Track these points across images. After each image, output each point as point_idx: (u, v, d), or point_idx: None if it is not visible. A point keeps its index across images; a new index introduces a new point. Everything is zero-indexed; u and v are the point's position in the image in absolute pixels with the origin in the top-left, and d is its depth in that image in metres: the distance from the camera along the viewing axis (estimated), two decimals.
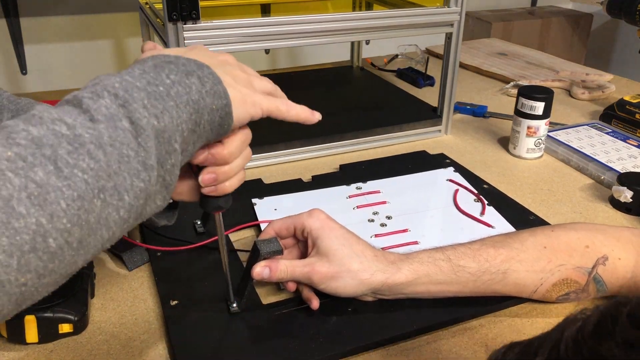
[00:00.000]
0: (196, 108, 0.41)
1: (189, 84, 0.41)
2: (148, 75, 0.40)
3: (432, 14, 0.98)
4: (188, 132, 0.41)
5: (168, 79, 0.40)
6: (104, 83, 0.38)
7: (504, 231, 0.73)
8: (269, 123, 0.51)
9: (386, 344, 0.58)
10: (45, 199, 0.31)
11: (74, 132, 0.34)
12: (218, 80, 0.43)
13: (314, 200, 0.81)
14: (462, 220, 0.77)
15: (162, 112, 0.39)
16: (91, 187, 0.34)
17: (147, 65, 0.41)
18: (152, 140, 0.37)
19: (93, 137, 0.35)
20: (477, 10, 2.64)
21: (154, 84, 0.39)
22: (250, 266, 0.59)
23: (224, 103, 0.43)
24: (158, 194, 0.40)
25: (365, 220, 0.76)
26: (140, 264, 0.69)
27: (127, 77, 0.39)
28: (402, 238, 0.72)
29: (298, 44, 0.90)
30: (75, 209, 0.33)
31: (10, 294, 0.31)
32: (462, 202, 0.81)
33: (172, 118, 0.39)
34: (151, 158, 0.37)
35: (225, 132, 0.45)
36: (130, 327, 0.60)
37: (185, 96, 0.40)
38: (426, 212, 0.79)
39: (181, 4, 0.79)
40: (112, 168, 0.35)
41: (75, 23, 1.95)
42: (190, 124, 0.41)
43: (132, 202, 0.37)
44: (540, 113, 0.96)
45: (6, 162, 0.31)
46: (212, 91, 0.42)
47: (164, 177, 0.39)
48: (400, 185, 0.85)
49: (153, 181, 0.38)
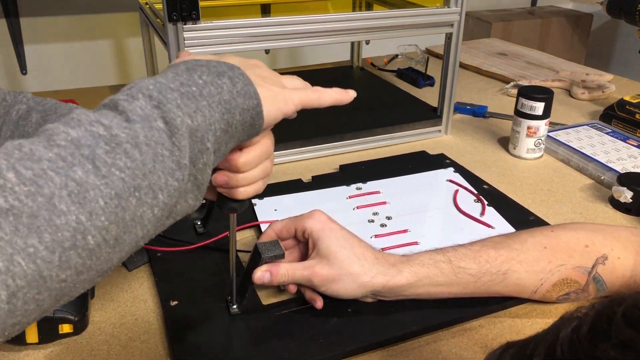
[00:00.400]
0: (228, 108, 0.42)
1: (220, 84, 0.42)
2: (181, 77, 0.41)
3: (432, 14, 0.98)
4: (220, 131, 0.41)
5: (200, 80, 0.41)
6: (138, 86, 0.39)
7: (504, 231, 0.73)
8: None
9: (386, 345, 0.58)
10: (85, 197, 0.33)
11: (110, 132, 0.35)
12: (249, 80, 0.44)
13: (314, 201, 0.81)
14: (462, 221, 0.77)
15: (195, 111, 0.39)
16: (127, 186, 0.35)
17: (179, 68, 0.42)
18: (186, 140, 0.38)
19: (129, 136, 0.36)
20: (477, 10, 2.64)
21: (187, 84, 0.40)
22: (251, 268, 0.59)
23: (254, 103, 0.44)
24: (190, 193, 0.40)
25: (365, 220, 0.76)
26: (140, 264, 0.69)
27: (160, 79, 0.40)
28: (402, 238, 0.72)
29: (298, 44, 0.90)
30: (113, 207, 0.34)
31: (50, 289, 0.32)
32: (462, 202, 0.81)
33: (204, 117, 0.40)
34: (185, 157, 0.38)
35: (257, 132, 0.46)
36: (130, 327, 0.60)
37: (217, 96, 0.41)
38: (426, 213, 0.79)
39: (181, 4, 0.79)
40: (148, 167, 0.36)
41: (75, 23, 1.95)
42: (223, 124, 0.41)
43: (166, 200, 0.37)
44: (540, 113, 0.96)
45: (47, 162, 0.32)
46: (243, 91, 0.43)
47: (195, 176, 0.40)
48: (400, 185, 0.86)
49: (186, 180, 0.39)
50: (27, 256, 0.30)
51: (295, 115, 0.50)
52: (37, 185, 0.31)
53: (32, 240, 0.30)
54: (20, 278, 0.30)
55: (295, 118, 0.51)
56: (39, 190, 0.31)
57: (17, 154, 0.32)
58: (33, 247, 0.30)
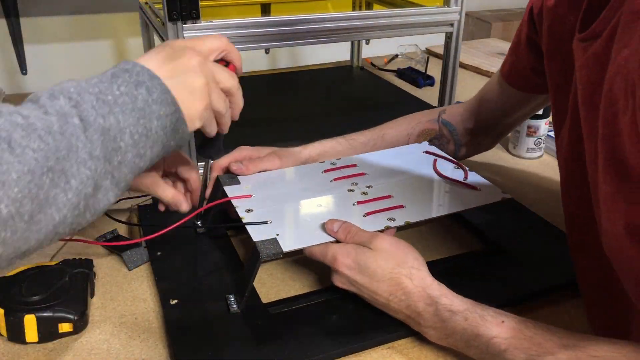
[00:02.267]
0: (142, 114, 0.46)
1: (136, 94, 0.46)
2: (102, 84, 0.45)
3: (432, 13, 0.98)
4: (139, 135, 0.46)
5: (118, 91, 0.45)
6: (61, 87, 0.44)
7: (490, 192, 0.73)
8: (267, 123, 0.51)
9: (386, 343, 0.58)
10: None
11: (28, 121, 0.40)
12: (166, 90, 0.48)
13: (288, 178, 0.78)
14: (446, 185, 0.76)
15: (108, 114, 0.44)
16: (40, 165, 0.39)
17: (106, 74, 0.47)
18: (98, 135, 0.43)
19: (45, 125, 0.40)
20: (477, 10, 2.64)
21: (105, 93, 0.45)
22: (250, 268, 0.60)
23: (172, 109, 0.48)
24: (109, 190, 0.45)
25: (345, 190, 0.73)
26: (140, 263, 0.69)
27: (83, 83, 0.45)
28: (387, 203, 0.70)
29: (298, 44, 0.90)
30: (26, 182, 0.38)
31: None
32: (443, 169, 0.79)
33: (117, 120, 0.44)
34: (97, 150, 0.42)
35: (182, 137, 0.50)
36: (130, 326, 0.60)
37: (130, 103, 0.45)
38: (407, 180, 0.77)
39: (181, 4, 0.79)
40: (61, 153, 0.40)
41: (75, 23, 1.95)
42: (140, 128, 0.46)
43: (79, 186, 0.41)
44: (540, 113, 0.96)
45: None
46: (159, 99, 0.47)
47: (112, 174, 0.44)
48: (376, 158, 0.83)
49: (100, 172, 0.43)
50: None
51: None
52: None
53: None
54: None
55: (295, 118, 0.51)
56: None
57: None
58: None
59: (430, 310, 0.55)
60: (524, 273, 0.67)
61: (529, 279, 0.66)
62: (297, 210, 0.69)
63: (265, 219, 0.64)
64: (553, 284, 0.66)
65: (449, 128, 0.85)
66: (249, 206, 0.67)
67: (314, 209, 0.68)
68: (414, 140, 0.86)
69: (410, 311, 0.56)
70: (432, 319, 0.55)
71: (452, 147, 0.86)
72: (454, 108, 0.88)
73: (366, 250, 0.59)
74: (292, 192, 0.72)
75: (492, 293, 0.62)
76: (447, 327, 0.54)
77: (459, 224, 0.79)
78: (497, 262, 0.70)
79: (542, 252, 0.71)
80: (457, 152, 0.87)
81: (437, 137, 0.85)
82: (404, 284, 0.57)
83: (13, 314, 0.57)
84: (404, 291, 0.57)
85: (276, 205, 0.68)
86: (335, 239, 0.62)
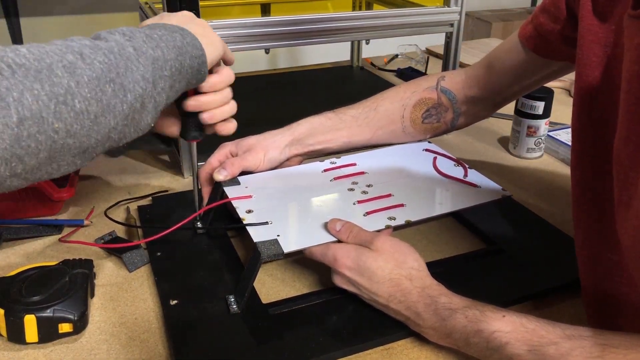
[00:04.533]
0: (180, 52, 0.55)
1: (174, 36, 0.55)
2: (146, 29, 0.54)
3: (432, 13, 0.98)
4: (175, 69, 0.54)
5: (157, 33, 0.54)
6: (116, 29, 0.52)
7: (490, 190, 0.73)
8: (267, 123, 0.51)
9: (386, 344, 0.58)
10: (74, 71, 0.43)
11: (94, 43, 0.48)
12: (195, 37, 0.58)
13: (288, 177, 0.77)
14: (446, 183, 0.76)
15: (156, 47, 0.52)
16: (105, 74, 0.46)
17: (144, 27, 0.55)
18: (149, 62, 0.51)
19: (107, 47, 0.48)
20: (477, 10, 2.64)
21: (150, 34, 0.53)
22: (251, 269, 0.60)
23: (200, 53, 0.58)
24: (150, 112, 0.51)
25: (345, 189, 0.73)
26: (140, 265, 0.69)
27: (132, 27, 0.54)
28: (387, 202, 0.70)
29: (298, 44, 0.90)
30: (94, 86, 0.44)
31: (47, 134, 0.41)
32: (443, 167, 0.79)
33: (163, 53, 0.53)
34: (148, 73, 0.50)
35: (202, 78, 0.60)
36: (130, 327, 0.60)
37: (172, 42, 0.54)
38: (407, 178, 0.77)
39: (181, 4, 0.79)
40: (120, 70, 0.47)
41: (75, 23, 1.95)
42: (177, 64, 0.54)
43: (132, 101, 0.48)
44: (540, 113, 0.96)
45: (48, 48, 0.44)
46: (191, 43, 0.57)
47: (155, 98, 0.51)
48: (376, 157, 0.83)
49: (148, 93, 0.50)
50: (32, 95, 0.40)
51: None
52: (41, 57, 0.42)
53: (37, 85, 0.40)
54: (27, 109, 0.39)
55: (295, 118, 0.52)
56: (43, 58, 0.42)
57: (26, 45, 0.43)
58: (37, 90, 0.40)
59: (430, 310, 0.55)
60: (524, 273, 0.67)
61: (529, 279, 0.66)
62: (297, 210, 0.69)
63: (265, 220, 0.64)
64: (553, 284, 0.66)
65: (448, 96, 0.81)
66: (249, 207, 0.67)
67: (314, 209, 0.68)
68: (410, 111, 0.81)
69: (409, 312, 0.56)
70: (431, 319, 0.55)
71: (451, 115, 0.82)
72: (455, 74, 0.83)
73: (366, 250, 0.59)
74: (292, 192, 0.72)
75: (492, 293, 0.62)
76: (447, 326, 0.54)
77: (459, 224, 0.79)
78: (497, 262, 0.70)
79: (542, 252, 0.71)
80: (455, 121, 0.84)
81: (434, 107, 0.81)
82: (404, 285, 0.57)
83: (13, 314, 0.57)
84: (404, 292, 0.57)
85: (276, 205, 0.68)
86: (337, 238, 0.62)
